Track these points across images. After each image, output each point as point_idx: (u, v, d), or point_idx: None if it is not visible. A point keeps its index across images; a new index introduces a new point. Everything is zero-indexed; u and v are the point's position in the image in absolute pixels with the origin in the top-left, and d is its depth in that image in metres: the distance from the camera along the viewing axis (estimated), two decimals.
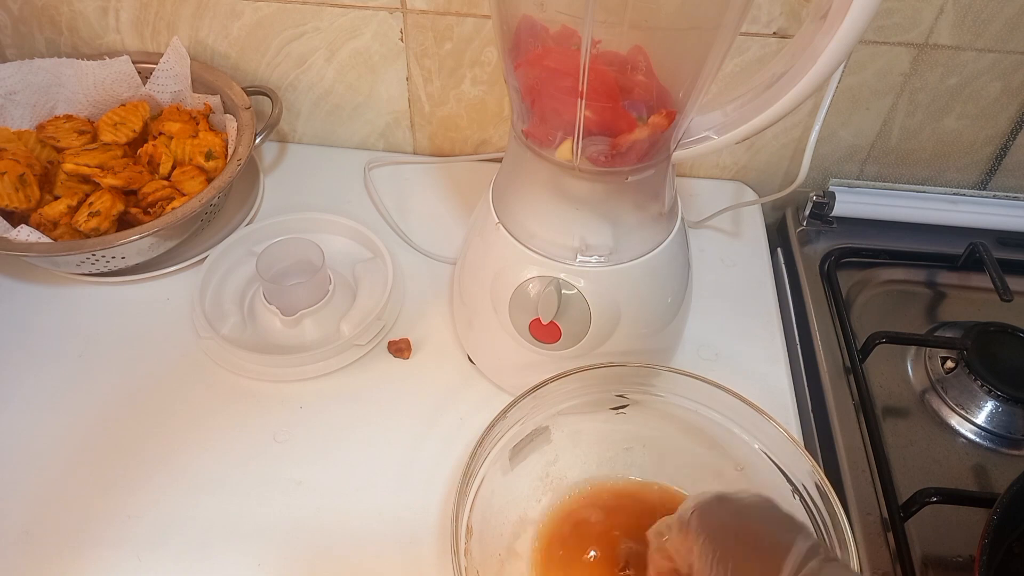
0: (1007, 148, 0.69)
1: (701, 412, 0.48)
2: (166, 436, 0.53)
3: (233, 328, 0.58)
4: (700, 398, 0.48)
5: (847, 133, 0.69)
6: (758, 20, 0.61)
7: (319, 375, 0.56)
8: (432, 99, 0.71)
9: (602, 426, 0.50)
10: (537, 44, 0.41)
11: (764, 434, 0.46)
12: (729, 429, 0.47)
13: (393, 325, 0.60)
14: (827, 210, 0.69)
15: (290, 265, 0.60)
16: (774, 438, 0.46)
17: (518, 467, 0.48)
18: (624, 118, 0.42)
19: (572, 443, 0.50)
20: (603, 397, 0.49)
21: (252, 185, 0.69)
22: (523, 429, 0.47)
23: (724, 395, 0.47)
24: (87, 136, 0.64)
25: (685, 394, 0.48)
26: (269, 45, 0.68)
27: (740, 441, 0.47)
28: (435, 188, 0.72)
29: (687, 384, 0.48)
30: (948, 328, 0.62)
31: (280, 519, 0.49)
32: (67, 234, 0.59)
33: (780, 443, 0.45)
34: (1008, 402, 0.55)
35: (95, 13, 0.68)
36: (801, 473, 0.44)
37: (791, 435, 0.45)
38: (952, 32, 0.61)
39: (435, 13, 0.64)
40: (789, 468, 0.45)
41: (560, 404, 0.48)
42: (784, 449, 0.45)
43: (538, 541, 0.48)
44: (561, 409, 0.48)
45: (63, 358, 0.57)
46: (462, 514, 0.42)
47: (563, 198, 0.46)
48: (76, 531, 0.48)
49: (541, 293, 0.47)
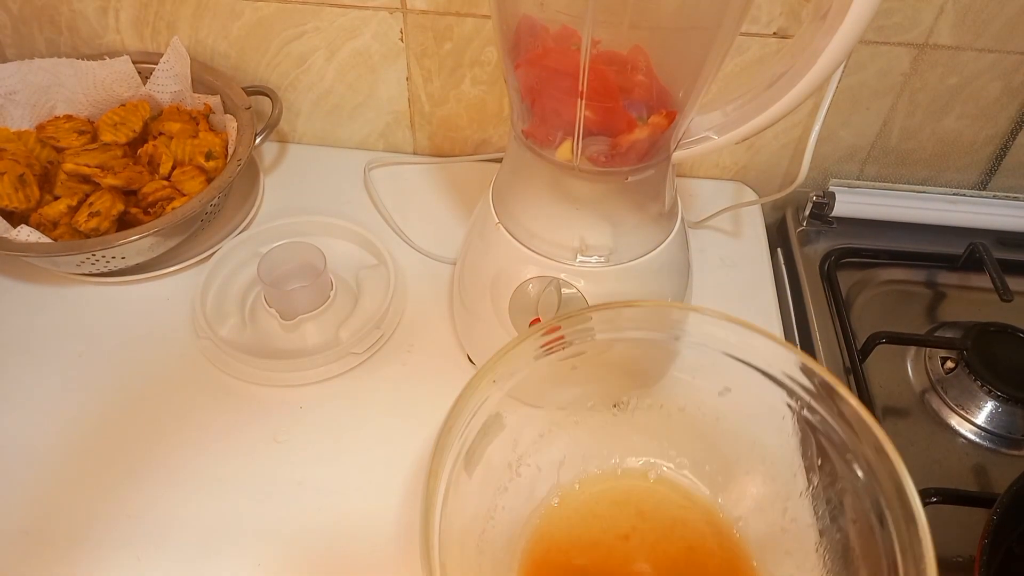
0: (1007, 148, 0.69)
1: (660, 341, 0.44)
2: (166, 436, 0.53)
3: (232, 330, 0.58)
4: (662, 326, 0.44)
5: (847, 133, 0.69)
6: (758, 20, 0.61)
7: (318, 380, 0.56)
8: (432, 99, 0.71)
9: (557, 394, 0.46)
10: (537, 44, 0.41)
11: (742, 345, 0.43)
12: (704, 351, 0.44)
13: (393, 332, 0.59)
14: (827, 210, 0.69)
15: (292, 269, 0.60)
16: (751, 345, 0.42)
17: (476, 472, 0.42)
18: (624, 118, 0.42)
19: (531, 426, 0.45)
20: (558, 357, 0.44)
21: (252, 185, 0.69)
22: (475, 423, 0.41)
23: (699, 316, 0.43)
24: (87, 136, 0.64)
25: (647, 326, 0.44)
26: (269, 45, 0.68)
27: (720, 364, 0.44)
28: (435, 188, 0.72)
29: (651, 315, 0.43)
30: (948, 328, 0.62)
31: (280, 519, 0.49)
32: (67, 234, 0.59)
33: (763, 349, 0.41)
34: (1008, 402, 0.55)
35: (95, 13, 0.68)
36: (791, 369, 0.41)
37: (771, 334, 0.41)
38: (952, 32, 0.61)
39: (435, 13, 0.64)
40: (778, 372, 0.42)
41: (510, 379, 0.42)
42: (768, 352, 0.41)
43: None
44: (512, 385, 0.42)
45: (63, 358, 0.57)
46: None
47: (563, 198, 0.46)
48: (75, 531, 0.48)
49: (541, 293, 0.47)
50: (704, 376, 0.45)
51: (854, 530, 0.40)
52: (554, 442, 0.46)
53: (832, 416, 0.40)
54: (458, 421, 0.39)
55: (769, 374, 0.43)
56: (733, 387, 0.45)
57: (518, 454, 0.45)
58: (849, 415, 0.39)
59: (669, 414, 0.48)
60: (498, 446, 0.43)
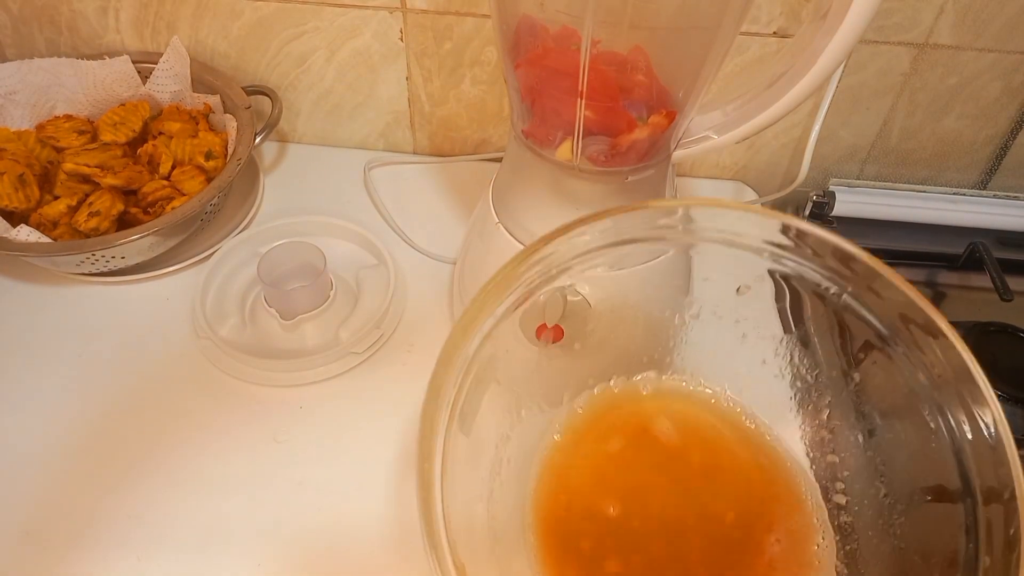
0: (1007, 148, 0.69)
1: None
2: (166, 436, 0.53)
3: (232, 330, 0.58)
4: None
5: (847, 133, 0.69)
6: (758, 20, 0.61)
7: (318, 380, 0.56)
8: (432, 99, 0.71)
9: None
10: (537, 44, 0.41)
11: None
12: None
13: (393, 332, 0.59)
14: (827, 210, 0.69)
15: (292, 268, 0.60)
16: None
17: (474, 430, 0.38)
18: (624, 118, 0.42)
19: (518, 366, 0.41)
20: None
21: (252, 185, 0.69)
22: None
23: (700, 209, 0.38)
24: (87, 136, 0.64)
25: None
26: (269, 45, 0.68)
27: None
28: (435, 188, 0.72)
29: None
30: None
31: (280, 519, 0.49)
32: (67, 234, 0.59)
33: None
34: (1008, 402, 0.55)
35: (95, 13, 0.68)
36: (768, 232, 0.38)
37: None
38: (952, 32, 0.61)
39: (435, 13, 0.64)
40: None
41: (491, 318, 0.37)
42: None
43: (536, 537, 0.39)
44: (495, 320, 0.37)
45: (62, 358, 0.57)
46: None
47: (563, 198, 0.46)
48: (75, 531, 0.48)
49: (548, 297, 0.47)
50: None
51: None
52: (552, 374, 0.43)
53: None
54: (447, 379, 0.36)
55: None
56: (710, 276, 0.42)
57: (516, 393, 0.41)
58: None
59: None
60: (493, 394, 0.39)
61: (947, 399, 0.35)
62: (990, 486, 0.33)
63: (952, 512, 0.35)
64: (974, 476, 0.34)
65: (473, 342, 0.37)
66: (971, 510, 0.34)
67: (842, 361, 0.42)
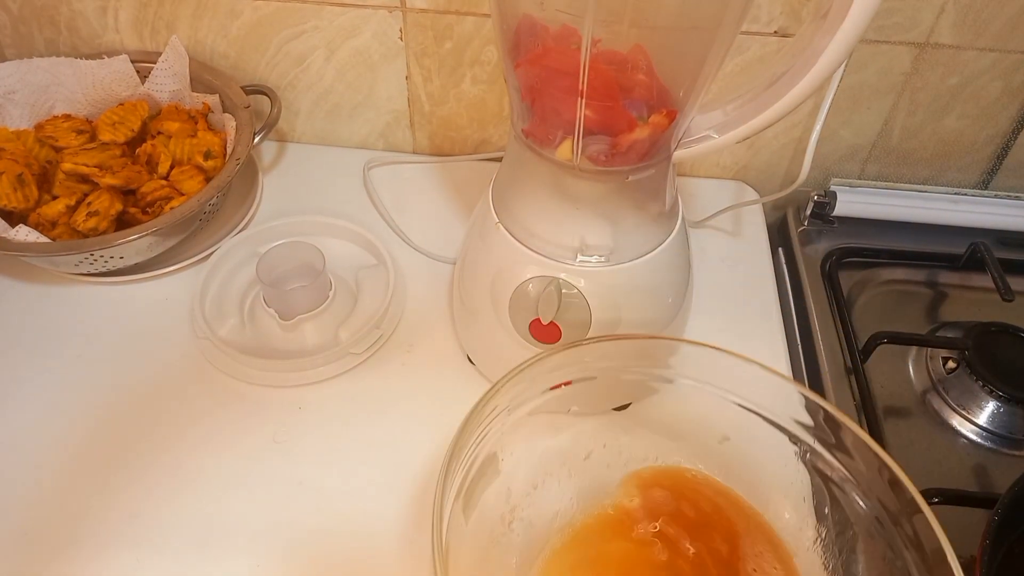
0: (1008, 148, 0.69)
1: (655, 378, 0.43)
2: (165, 436, 0.53)
3: (231, 330, 0.58)
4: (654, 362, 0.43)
5: (848, 132, 0.69)
6: (758, 19, 0.61)
7: (317, 380, 0.56)
8: (432, 98, 0.71)
9: (550, 440, 0.44)
10: (537, 43, 0.41)
11: (742, 385, 0.41)
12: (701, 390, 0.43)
13: (393, 332, 0.59)
14: (828, 210, 0.69)
15: (291, 269, 0.60)
16: (753, 385, 0.40)
17: (473, 516, 0.40)
18: (624, 117, 0.42)
19: (525, 467, 0.43)
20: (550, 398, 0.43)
21: (251, 185, 0.69)
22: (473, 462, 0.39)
23: (694, 348, 0.42)
24: (85, 135, 0.64)
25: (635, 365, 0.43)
26: (268, 44, 0.68)
27: (719, 405, 0.42)
28: (435, 188, 0.72)
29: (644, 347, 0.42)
30: (949, 328, 0.62)
31: (280, 520, 0.49)
32: (65, 234, 0.59)
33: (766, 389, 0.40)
34: (1009, 402, 0.55)
35: (94, 12, 0.68)
36: (796, 411, 0.39)
37: (775, 370, 0.40)
38: (953, 31, 0.61)
39: (435, 12, 0.63)
40: (779, 415, 0.41)
41: (506, 419, 0.41)
42: (770, 392, 0.39)
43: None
44: (507, 426, 0.41)
45: (61, 358, 0.57)
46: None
47: (563, 198, 0.46)
48: (74, 532, 0.48)
49: (541, 293, 0.47)
50: (705, 420, 0.44)
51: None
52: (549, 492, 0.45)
53: (841, 455, 0.39)
54: (459, 458, 0.38)
55: (772, 420, 0.41)
56: (732, 435, 0.44)
57: (511, 505, 0.43)
58: (856, 447, 0.38)
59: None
60: (493, 492, 0.41)
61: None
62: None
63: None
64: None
65: (480, 433, 0.39)
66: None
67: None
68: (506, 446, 0.42)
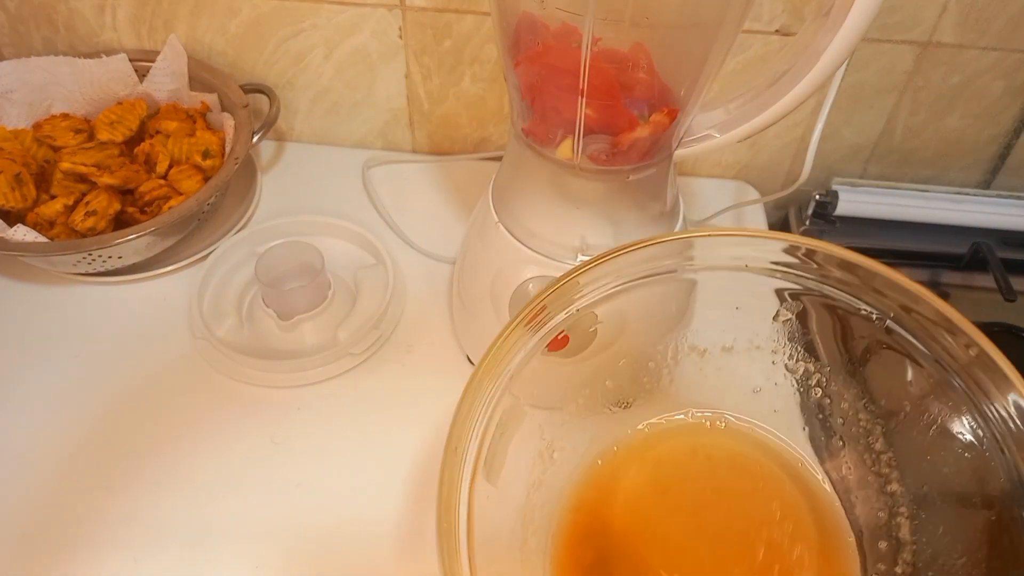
0: (1010, 147, 0.69)
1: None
2: (164, 437, 0.53)
3: (229, 330, 0.58)
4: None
5: (850, 132, 0.69)
6: (760, 18, 0.61)
7: (316, 381, 0.56)
8: (431, 97, 0.70)
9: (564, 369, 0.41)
10: (537, 41, 0.41)
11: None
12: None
13: (392, 332, 0.59)
14: (830, 209, 0.68)
15: (290, 268, 0.59)
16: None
17: (502, 475, 0.37)
18: (625, 116, 0.41)
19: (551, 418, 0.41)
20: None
21: (249, 184, 0.69)
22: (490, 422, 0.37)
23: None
24: (84, 135, 0.63)
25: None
26: (267, 43, 0.68)
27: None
28: (434, 187, 0.72)
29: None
30: None
31: (279, 521, 0.49)
32: (63, 233, 0.59)
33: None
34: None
35: (92, 11, 0.67)
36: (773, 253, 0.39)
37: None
38: (955, 30, 0.60)
39: (434, 10, 0.63)
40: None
41: (511, 363, 0.38)
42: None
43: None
44: (513, 369, 0.38)
45: (59, 358, 0.57)
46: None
47: (564, 197, 0.46)
48: (72, 533, 0.48)
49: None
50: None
51: None
52: (581, 423, 0.43)
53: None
54: (465, 428, 0.36)
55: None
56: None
57: (547, 440, 0.40)
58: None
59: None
60: (522, 439, 0.38)
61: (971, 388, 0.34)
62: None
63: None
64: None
65: (493, 390, 0.38)
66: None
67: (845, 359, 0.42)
68: (521, 392, 0.39)
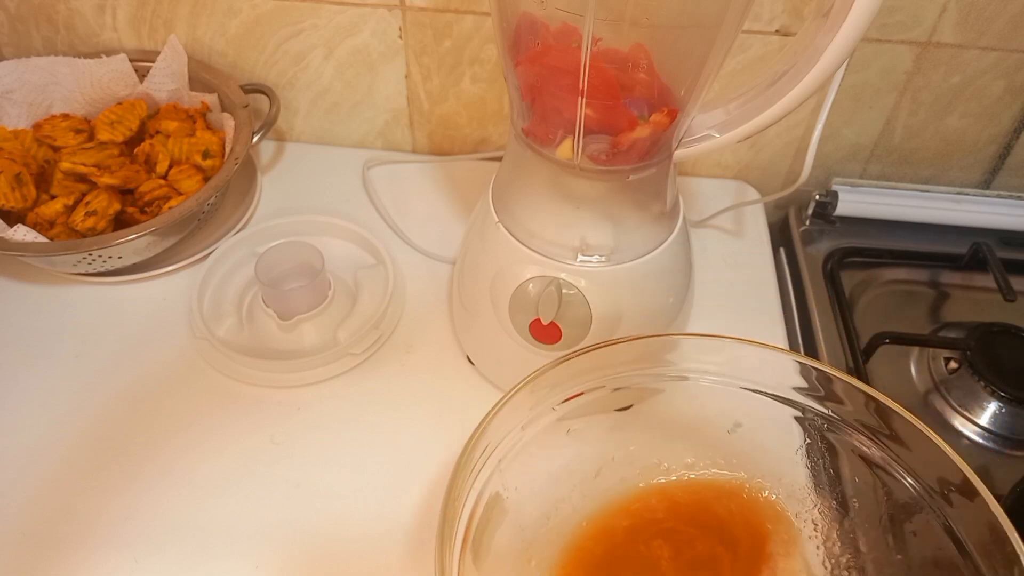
0: (1010, 147, 0.69)
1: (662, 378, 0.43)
2: (163, 437, 0.53)
3: (229, 330, 0.58)
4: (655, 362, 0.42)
5: (850, 132, 0.69)
6: (760, 18, 0.61)
7: (316, 381, 0.56)
8: (431, 97, 0.70)
9: (550, 461, 0.43)
10: (537, 41, 0.41)
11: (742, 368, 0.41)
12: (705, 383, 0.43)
13: (392, 332, 0.59)
14: (830, 209, 0.68)
15: (290, 268, 0.59)
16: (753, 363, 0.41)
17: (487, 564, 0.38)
18: (625, 116, 0.41)
19: (530, 495, 0.42)
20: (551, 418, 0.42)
21: (249, 184, 0.69)
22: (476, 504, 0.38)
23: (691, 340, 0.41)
24: (84, 135, 0.63)
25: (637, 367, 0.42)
26: (267, 43, 0.68)
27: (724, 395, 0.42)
28: (434, 187, 0.72)
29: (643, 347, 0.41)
30: (951, 328, 0.62)
31: (278, 521, 0.49)
32: (63, 234, 0.59)
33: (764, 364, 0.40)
34: (1011, 403, 0.55)
35: (92, 11, 0.67)
36: (794, 378, 0.40)
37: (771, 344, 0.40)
38: (955, 30, 0.60)
39: (434, 10, 0.63)
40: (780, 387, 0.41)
41: (502, 451, 0.40)
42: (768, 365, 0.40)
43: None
44: (501, 459, 0.40)
45: (59, 358, 0.57)
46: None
47: (563, 197, 0.46)
48: (72, 533, 0.48)
49: (541, 293, 0.47)
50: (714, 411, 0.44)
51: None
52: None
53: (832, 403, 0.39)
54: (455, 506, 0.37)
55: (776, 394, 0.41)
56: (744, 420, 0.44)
57: (526, 543, 0.42)
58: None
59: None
60: (505, 532, 0.40)
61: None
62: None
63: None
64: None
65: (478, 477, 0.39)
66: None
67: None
68: (507, 482, 0.40)
